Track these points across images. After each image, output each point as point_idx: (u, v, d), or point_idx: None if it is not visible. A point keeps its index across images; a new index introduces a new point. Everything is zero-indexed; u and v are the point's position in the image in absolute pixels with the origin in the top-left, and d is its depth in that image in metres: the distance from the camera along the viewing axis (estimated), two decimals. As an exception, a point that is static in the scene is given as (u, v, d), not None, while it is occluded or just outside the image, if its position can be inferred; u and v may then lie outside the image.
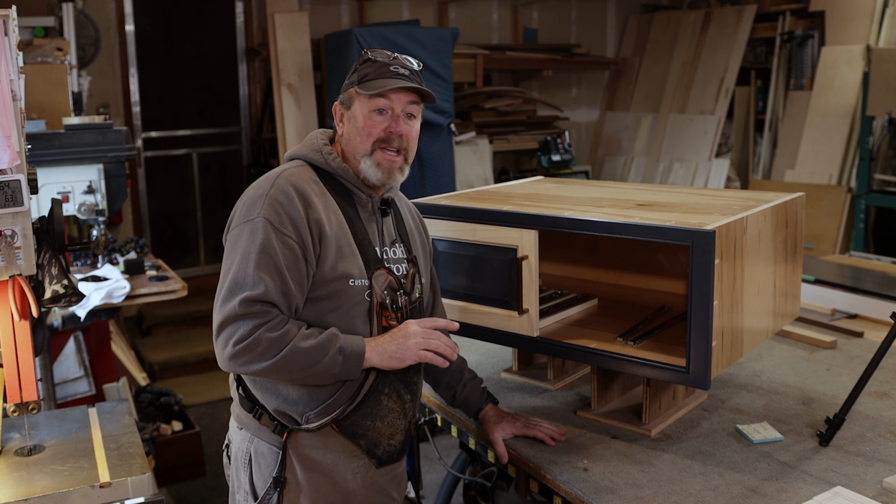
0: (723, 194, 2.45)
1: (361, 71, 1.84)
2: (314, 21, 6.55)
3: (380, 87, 1.80)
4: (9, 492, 1.76)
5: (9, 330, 1.81)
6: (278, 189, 1.76)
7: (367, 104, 1.83)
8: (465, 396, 2.17)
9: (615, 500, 1.80)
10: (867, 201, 6.10)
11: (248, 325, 1.68)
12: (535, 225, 2.11)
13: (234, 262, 1.73)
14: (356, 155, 1.85)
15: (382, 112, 1.83)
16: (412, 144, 1.88)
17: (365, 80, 1.83)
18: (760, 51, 7.47)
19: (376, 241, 1.87)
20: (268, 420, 1.84)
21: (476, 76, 6.86)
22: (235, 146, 7.09)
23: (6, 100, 1.66)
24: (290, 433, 1.82)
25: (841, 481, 1.85)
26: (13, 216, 1.71)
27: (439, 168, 5.95)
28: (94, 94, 6.02)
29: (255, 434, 1.86)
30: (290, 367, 1.70)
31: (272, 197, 1.75)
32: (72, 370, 3.59)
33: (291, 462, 1.83)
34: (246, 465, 1.87)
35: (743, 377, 2.52)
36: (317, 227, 1.76)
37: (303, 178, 1.81)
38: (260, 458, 1.85)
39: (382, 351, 1.78)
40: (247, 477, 1.87)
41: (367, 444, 1.86)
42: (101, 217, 3.36)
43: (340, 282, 1.78)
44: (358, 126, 1.84)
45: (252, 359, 1.69)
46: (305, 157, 1.87)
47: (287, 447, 1.82)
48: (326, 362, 1.72)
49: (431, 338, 1.80)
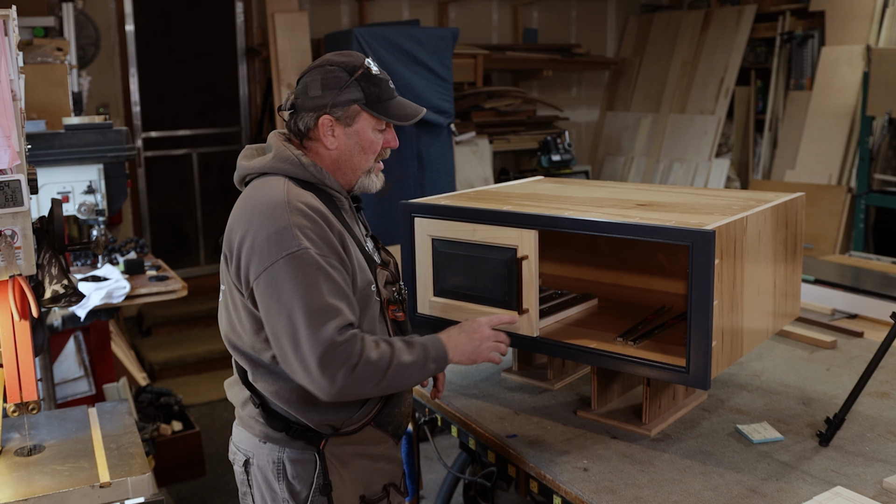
0: (723, 194, 2.45)
1: (367, 90, 1.80)
2: (314, 21, 6.55)
3: (398, 114, 1.82)
4: (9, 492, 1.76)
5: (9, 330, 1.81)
6: (299, 215, 1.69)
7: (374, 123, 1.82)
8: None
9: (615, 500, 1.80)
10: (867, 201, 6.10)
11: (349, 354, 1.65)
12: (535, 225, 2.11)
13: (297, 300, 1.64)
14: (356, 170, 1.85)
15: (382, 129, 1.85)
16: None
17: (377, 100, 1.80)
18: (760, 51, 7.47)
19: (362, 240, 1.88)
20: (300, 433, 1.80)
21: (476, 76, 6.86)
22: (235, 146, 7.09)
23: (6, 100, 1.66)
24: (326, 439, 1.82)
25: (841, 481, 1.85)
26: (13, 216, 1.71)
27: (439, 168, 5.95)
28: (94, 94, 6.02)
29: (285, 445, 1.82)
30: (395, 385, 1.74)
31: (299, 226, 1.68)
32: (72, 370, 3.59)
33: (332, 465, 1.82)
34: (280, 475, 1.83)
35: (743, 377, 2.52)
36: (340, 239, 1.75)
37: (306, 198, 1.74)
38: (297, 466, 1.82)
39: (461, 351, 1.85)
40: (284, 486, 1.83)
41: (393, 429, 1.92)
42: (101, 217, 3.36)
43: (366, 290, 1.80)
44: (363, 144, 1.82)
45: (362, 385, 1.68)
46: (286, 171, 1.78)
47: (325, 453, 1.82)
48: (426, 373, 1.78)
49: (501, 340, 1.91)
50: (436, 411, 2.41)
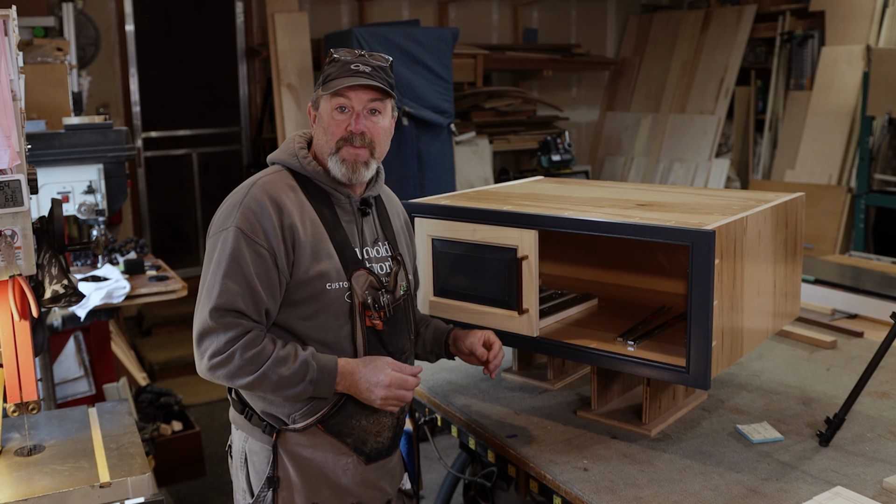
0: (723, 194, 2.45)
1: (326, 71, 1.86)
2: (314, 21, 6.54)
3: (336, 86, 1.81)
4: (9, 492, 1.76)
5: (9, 330, 1.81)
6: (252, 198, 1.78)
7: (329, 103, 1.84)
8: (431, 331, 2.13)
9: (615, 500, 1.80)
10: (867, 201, 6.10)
11: (221, 338, 1.72)
12: (535, 225, 2.11)
13: (209, 272, 1.77)
14: (324, 154, 1.86)
15: (344, 110, 1.83)
16: (378, 139, 1.87)
17: (327, 80, 1.84)
18: (760, 51, 7.47)
19: (356, 241, 1.88)
20: (258, 420, 1.86)
21: (476, 76, 6.86)
22: (235, 146, 7.09)
23: (6, 100, 1.66)
24: (279, 433, 1.84)
25: (841, 481, 1.85)
26: (13, 216, 1.70)
27: (439, 168, 5.95)
28: (94, 94, 6.02)
29: (248, 434, 1.89)
30: (263, 388, 1.75)
31: (245, 206, 1.77)
32: (72, 370, 3.59)
33: (283, 461, 1.85)
34: (243, 464, 1.90)
35: (743, 377, 2.52)
36: (290, 232, 1.77)
37: (278, 186, 1.82)
38: (254, 457, 1.88)
39: (356, 390, 1.79)
40: (244, 476, 1.90)
41: (353, 443, 1.87)
42: (101, 217, 3.36)
43: (316, 284, 1.79)
44: (324, 126, 1.86)
45: (228, 374, 1.73)
46: (283, 161, 1.89)
47: (277, 446, 1.84)
48: (299, 391, 1.75)
49: (401, 388, 1.80)
50: (436, 411, 2.41)
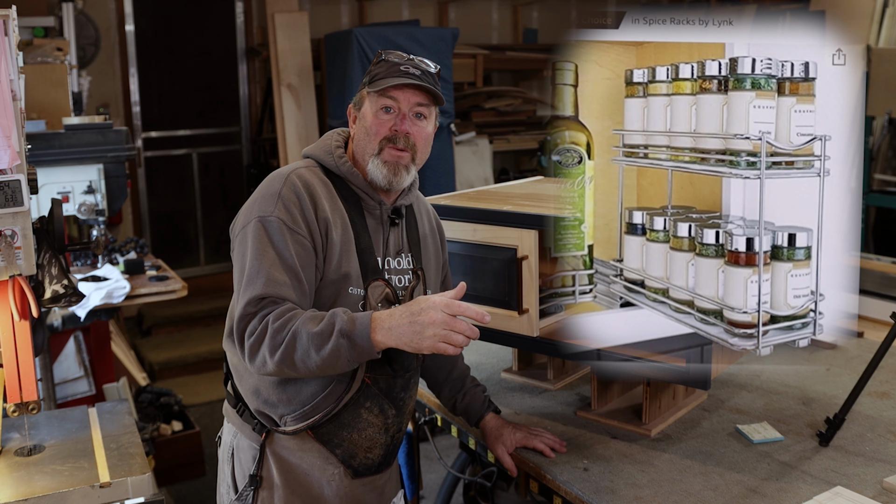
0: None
1: (373, 71, 1.82)
2: (314, 21, 6.54)
3: (384, 85, 1.77)
4: (9, 492, 1.76)
5: (9, 330, 1.81)
6: (290, 187, 1.74)
7: (375, 103, 1.80)
8: (465, 405, 2.11)
9: (615, 500, 1.80)
10: (867, 201, 6.09)
11: (256, 320, 1.64)
12: (535, 225, 2.11)
13: (248, 259, 1.69)
14: (365, 156, 1.81)
15: (389, 111, 1.79)
16: (421, 144, 1.82)
17: (374, 79, 1.80)
18: (760, 51, 7.47)
19: (380, 250, 1.84)
20: (249, 417, 1.85)
21: (476, 76, 6.86)
22: (235, 146, 7.10)
23: (6, 100, 1.66)
24: (268, 433, 1.83)
25: (841, 481, 1.85)
26: (13, 216, 1.70)
27: (439, 168, 5.95)
28: (94, 94, 6.02)
29: (238, 429, 1.88)
30: (298, 352, 1.59)
31: (284, 196, 1.73)
32: (72, 370, 3.59)
33: (268, 462, 1.83)
34: (229, 459, 1.90)
35: (743, 377, 2.52)
36: (324, 226, 1.75)
37: (312, 178, 1.79)
38: (241, 454, 1.87)
39: (397, 335, 1.58)
40: (229, 470, 1.89)
41: (342, 454, 1.83)
42: (101, 217, 3.36)
43: (340, 286, 1.76)
44: (366, 125, 1.81)
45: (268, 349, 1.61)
46: (318, 157, 1.85)
47: (265, 447, 1.83)
48: (331, 347, 1.58)
49: (454, 329, 1.56)
50: (436, 411, 2.41)
